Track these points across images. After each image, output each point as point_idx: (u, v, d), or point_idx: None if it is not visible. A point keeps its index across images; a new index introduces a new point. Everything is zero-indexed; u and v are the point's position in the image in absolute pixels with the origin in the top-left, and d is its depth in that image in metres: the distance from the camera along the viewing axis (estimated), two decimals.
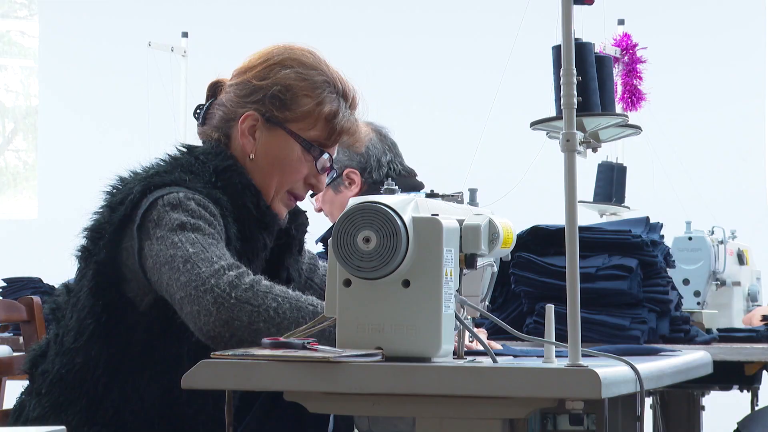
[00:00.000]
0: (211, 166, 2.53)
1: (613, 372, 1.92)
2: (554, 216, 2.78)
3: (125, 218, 2.42)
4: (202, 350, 2.22)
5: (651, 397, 3.26)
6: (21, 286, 5.22)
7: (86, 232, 2.50)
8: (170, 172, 2.49)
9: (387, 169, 3.81)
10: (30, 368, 2.53)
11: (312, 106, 2.56)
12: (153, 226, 2.38)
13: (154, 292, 2.40)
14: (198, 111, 2.67)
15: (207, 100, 2.67)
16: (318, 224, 3.97)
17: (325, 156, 2.59)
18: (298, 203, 2.66)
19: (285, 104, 2.56)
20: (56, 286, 2.69)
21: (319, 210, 3.93)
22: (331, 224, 3.74)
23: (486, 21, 7.41)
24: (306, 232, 2.72)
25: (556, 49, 3.36)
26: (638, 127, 3.61)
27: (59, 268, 2.72)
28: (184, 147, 2.59)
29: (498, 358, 2.06)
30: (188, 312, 2.28)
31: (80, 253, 2.50)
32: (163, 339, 2.36)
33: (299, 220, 2.68)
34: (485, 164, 4.42)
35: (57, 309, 2.53)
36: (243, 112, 2.57)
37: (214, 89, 2.66)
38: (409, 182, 3.79)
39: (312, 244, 3.65)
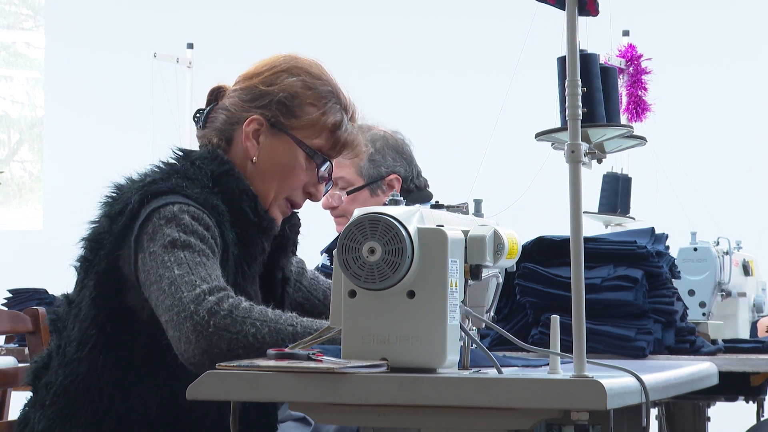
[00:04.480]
0: (208, 171, 2.53)
1: (618, 383, 1.92)
2: (559, 227, 2.78)
3: (125, 228, 2.42)
4: None
5: (656, 408, 3.25)
6: (26, 297, 5.23)
7: (85, 242, 2.50)
8: (167, 179, 2.48)
9: (419, 181, 3.84)
10: (33, 380, 2.53)
11: (317, 116, 2.58)
12: (147, 239, 2.38)
13: None
14: (198, 115, 2.67)
15: (208, 105, 2.67)
16: (319, 232, 3.97)
17: (327, 165, 2.61)
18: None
19: (291, 111, 2.58)
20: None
21: (335, 207, 3.84)
22: (337, 235, 3.73)
23: (492, 32, 7.41)
24: (299, 232, 2.72)
25: (561, 61, 3.36)
26: (643, 138, 3.60)
27: (64, 279, 2.72)
28: (179, 151, 2.59)
29: (503, 369, 2.06)
30: (171, 336, 2.30)
31: (80, 264, 2.50)
32: (166, 347, 2.36)
33: (292, 220, 2.69)
34: (490, 175, 4.42)
35: (57, 320, 2.53)
36: (248, 116, 2.58)
37: (216, 94, 2.67)
38: (424, 194, 3.81)
39: (314, 252, 3.65)
